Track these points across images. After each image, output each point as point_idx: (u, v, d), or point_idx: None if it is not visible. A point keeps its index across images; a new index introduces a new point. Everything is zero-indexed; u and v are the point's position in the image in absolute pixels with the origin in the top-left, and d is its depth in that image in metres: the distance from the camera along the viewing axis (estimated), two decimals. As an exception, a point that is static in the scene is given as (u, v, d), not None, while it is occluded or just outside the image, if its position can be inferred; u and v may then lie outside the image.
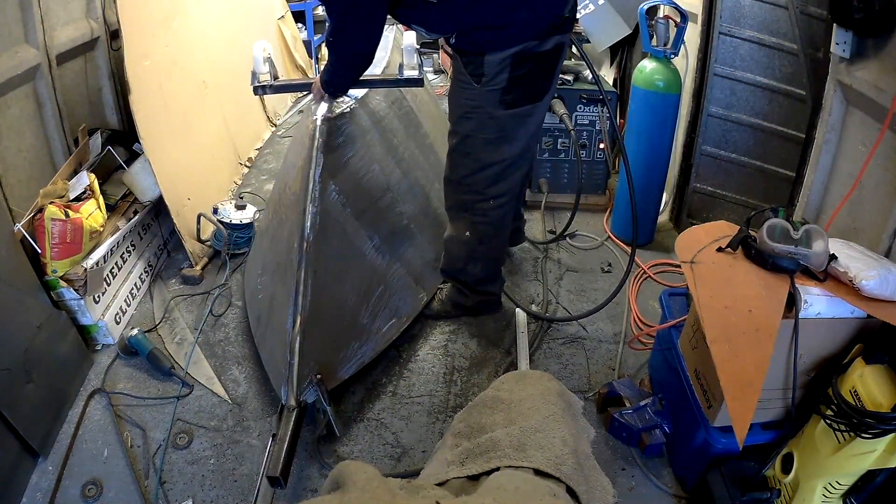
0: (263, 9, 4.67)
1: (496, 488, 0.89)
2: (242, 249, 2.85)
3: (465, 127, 1.96)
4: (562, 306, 2.61)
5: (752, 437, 1.52)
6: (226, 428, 2.02)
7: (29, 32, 2.26)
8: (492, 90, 1.86)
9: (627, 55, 3.73)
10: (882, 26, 1.65)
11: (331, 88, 2.23)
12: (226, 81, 3.61)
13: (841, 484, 1.47)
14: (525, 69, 1.83)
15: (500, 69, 1.82)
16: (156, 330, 2.43)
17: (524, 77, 1.84)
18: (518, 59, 1.81)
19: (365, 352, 2.09)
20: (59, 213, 2.08)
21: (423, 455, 1.94)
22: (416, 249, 2.50)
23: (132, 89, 2.50)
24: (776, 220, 1.58)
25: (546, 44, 1.82)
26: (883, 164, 1.70)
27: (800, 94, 2.47)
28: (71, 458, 1.88)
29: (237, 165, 3.73)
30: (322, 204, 2.10)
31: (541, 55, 1.84)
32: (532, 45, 1.80)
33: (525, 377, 1.19)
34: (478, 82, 1.86)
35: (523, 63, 1.82)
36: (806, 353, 1.52)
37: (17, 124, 2.26)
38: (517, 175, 2.10)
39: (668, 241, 3.05)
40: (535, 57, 1.82)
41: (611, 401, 2.03)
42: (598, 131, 3.25)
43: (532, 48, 1.81)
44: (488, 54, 1.81)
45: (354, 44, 1.90)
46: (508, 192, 2.11)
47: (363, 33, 1.86)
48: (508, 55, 1.80)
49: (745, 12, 2.54)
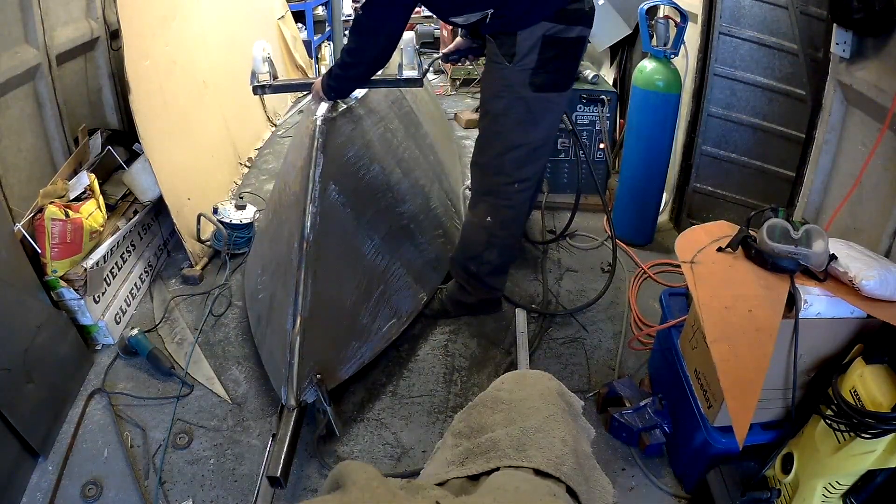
0: (263, 9, 4.67)
1: (496, 488, 0.89)
2: (242, 249, 2.85)
3: (496, 106, 2.08)
4: (562, 306, 2.61)
5: (752, 437, 1.52)
6: (226, 428, 2.02)
7: (29, 32, 2.26)
8: (522, 69, 1.97)
9: (627, 55, 3.73)
10: (882, 26, 1.65)
11: (332, 93, 2.26)
12: (226, 81, 3.61)
13: (841, 484, 1.47)
14: (553, 52, 1.95)
15: (530, 48, 1.94)
16: (156, 330, 2.43)
17: (552, 60, 1.96)
18: (547, 42, 1.93)
19: (365, 352, 2.09)
20: (59, 213, 2.08)
21: (423, 455, 1.94)
22: (416, 249, 2.50)
23: (132, 89, 2.50)
24: (776, 220, 1.58)
25: (571, 31, 1.95)
26: (883, 164, 1.70)
27: (800, 94, 2.47)
28: (71, 458, 1.88)
29: (237, 165, 3.73)
30: (322, 204, 2.10)
31: (566, 42, 1.96)
32: (559, 30, 1.93)
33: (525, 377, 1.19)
34: (510, 61, 1.97)
35: (551, 46, 1.94)
36: (806, 353, 1.52)
37: (17, 124, 2.26)
38: (541, 161, 2.23)
39: (668, 241, 3.05)
40: (561, 42, 1.95)
41: (611, 401, 2.02)
42: (598, 131, 3.25)
43: (559, 33, 1.93)
44: (520, 32, 1.93)
45: (378, 47, 2.01)
46: (532, 178, 2.21)
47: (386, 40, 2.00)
48: (539, 36, 1.92)
49: (745, 12, 2.54)
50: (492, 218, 2.23)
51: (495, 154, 2.14)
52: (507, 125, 2.08)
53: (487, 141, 2.16)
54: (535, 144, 2.11)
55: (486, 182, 2.22)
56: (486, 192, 2.23)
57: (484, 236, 2.27)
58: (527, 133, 2.08)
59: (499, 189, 2.19)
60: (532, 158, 2.14)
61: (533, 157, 2.14)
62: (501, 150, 2.12)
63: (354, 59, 2.07)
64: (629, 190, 3.00)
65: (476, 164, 2.24)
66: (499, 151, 2.13)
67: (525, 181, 2.18)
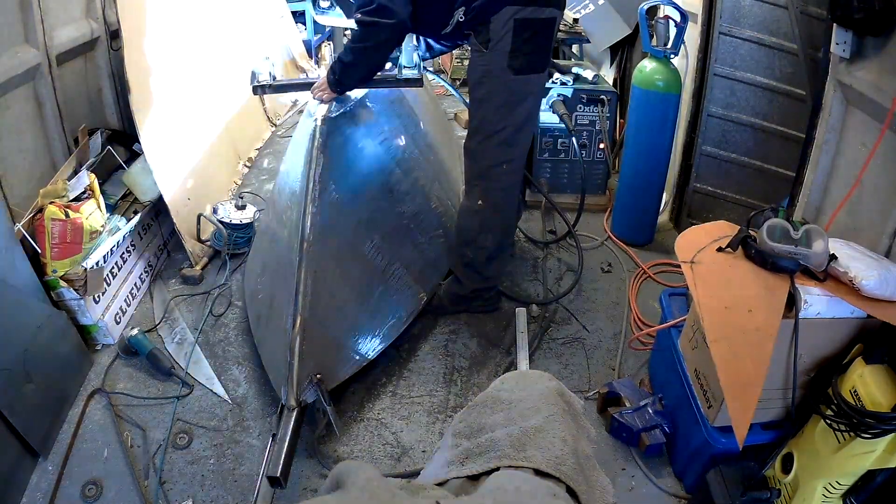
0: (264, 9, 4.67)
1: (496, 488, 0.89)
2: (242, 249, 2.85)
3: (480, 92, 2.16)
4: (562, 306, 2.61)
5: (752, 437, 1.52)
6: (226, 428, 2.02)
7: (29, 32, 2.26)
8: (499, 53, 2.05)
9: (627, 55, 3.73)
10: (882, 26, 1.65)
11: (339, 87, 2.28)
12: (226, 81, 3.61)
13: (841, 484, 1.47)
14: (527, 34, 2.02)
15: (504, 32, 2.01)
16: (156, 330, 2.43)
17: (527, 42, 2.03)
18: (519, 24, 2.00)
19: (365, 352, 2.09)
20: (59, 213, 2.08)
21: (423, 455, 1.94)
22: (416, 249, 2.50)
23: (132, 89, 2.50)
24: (776, 220, 1.58)
25: (543, 12, 2.03)
26: (883, 164, 1.70)
27: (800, 94, 2.47)
28: (71, 458, 1.88)
29: (237, 165, 3.72)
30: (322, 204, 2.10)
31: (538, 22, 2.03)
32: (531, 11, 2.00)
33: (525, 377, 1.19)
34: (486, 47, 2.06)
35: (524, 28, 2.01)
36: (806, 353, 1.52)
37: (17, 124, 2.26)
38: (526, 141, 2.31)
39: (668, 241, 3.05)
40: (534, 23, 2.02)
41: (611, 401, 2.02)
42: (598, 131, 3.25)
43: (531, 14, 2.00)
44: (493, 19, 2.01)
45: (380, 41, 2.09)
46: (517, 158, 2.29)
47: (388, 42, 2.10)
48: (510, 18, 1.99)
49: (745, 12, 2.54)
50: (483, 202, 2.28)
51: (482, 138, 2.21)
52: (490, 109, 2.15)
53: (474, 127, 2.23)
54: (519, 125, 2.18)
55: (476, 167, 2.28)
56: (478, 177, 2.29)
57: (477, 220, 2.32)
58: (510, 115, 2.15)
59: (488, 172, 2.25)
60: (517, 139, 2.21)
61: (517, 138, 2.21)
62: (489, 134, 2.19)
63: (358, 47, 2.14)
64: (629, 190, 3.00)
65: (466, 150, 2.30)
66: (486, 135, 2.19)
67: (511, 161, 2.25)
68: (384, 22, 2.00)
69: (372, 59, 2.18)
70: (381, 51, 2.15)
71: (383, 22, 2.00)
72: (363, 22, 2.03)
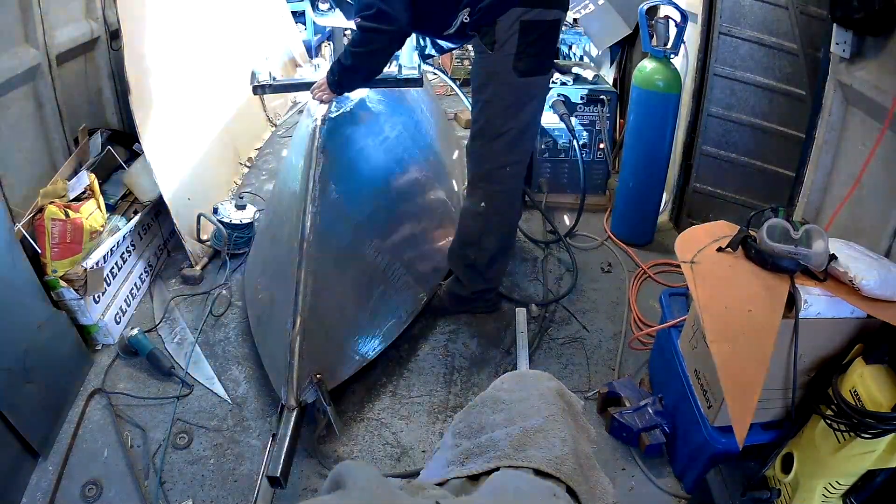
0: (264, 9, 4.67)
1: (496, 488, 0.89)
2: (242, 249, 2.85)
3: (485, 94, 2.15)
4: (562, 306, 2.61)
5: (752, 437, 1.52)
6: (226, 428, 2.02)
7: (29, 32, 2.26)
8: (505, 56, 2.03)
9: (627, 55, 3.72)
10: (882, 26, 1.65)
11: (339, 89, 2.28)
12: (226, 81, 3.61)
13: (841, 484, 1.47)
14: (532, 36, 2.00)
15: (510, 34, 1.99)
16: (156, 330, 2.43)
17: (532, 44, 2.01)
18: (525, 26, 1.98)
19: (365, 352, 2.09)
20: (59, 213, 2.08)
21: (423, 455, 1.94)
22: (416, 249, 2.50)
23: (132, 89, 2.50)
24: (776, 220, 1.58)
25: (549, 14, 2.01)
26: (883, 164, 1.70)
27: (800, 94, 2.46)
28: (71, 458, 1.88)
29: (237, 165, 3.72)
30: (322, 204, 2.10)
31: (544, 25, 2.02)
32: (537, 13, 1.98)
33: (525, 377, 1.19)
34: (491, 49, 2.04)
35: (530, 30, 1.99)
36: (806, 353, 1.52)
37: (17, 124, 2.26)
38: (530, 143, 2.31)
39: (668, 241, 3.04)
40: (540, 25, 2.01)
41: (611, 401, 2.02)
42: (598, 131, 3.25)
43: (536, 16, 1.98)
44: (499, 20, 1.99)
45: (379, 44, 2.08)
46: (521, 161, 2.29)
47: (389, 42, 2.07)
48: (516, 20, 1.97)
49: (745, 12, 2.54)
50: (486, 203, 2.28)
51: (486, 141, 2.20)
52: (494, 111, 2.14)
53: (478, 129, 2.22)
54: (523, 127, 2.17)
55: (478, 169, 2.28)
56: (481, 179, 2.28)
57: (480, 222, 2.31)
58: (514, 117, 2.14)
59: (491, 174, 2.24)
60: (520, 141, 2.21)
61: (521, 140, 2.21)
62: (492, 136, 2.18)
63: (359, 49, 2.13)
64: (629, 190, 3.00)
65: (469, 153, 2.30)
66: (490, 138, 2.19)
67: (515, 164, 2.25)
68: (384, 28, 1.99)
69: (371, 63, 2.17)
70: (380, 56, 2.14)
71: (383, 28, 1.99)
72: (363, 27, 2.03)
